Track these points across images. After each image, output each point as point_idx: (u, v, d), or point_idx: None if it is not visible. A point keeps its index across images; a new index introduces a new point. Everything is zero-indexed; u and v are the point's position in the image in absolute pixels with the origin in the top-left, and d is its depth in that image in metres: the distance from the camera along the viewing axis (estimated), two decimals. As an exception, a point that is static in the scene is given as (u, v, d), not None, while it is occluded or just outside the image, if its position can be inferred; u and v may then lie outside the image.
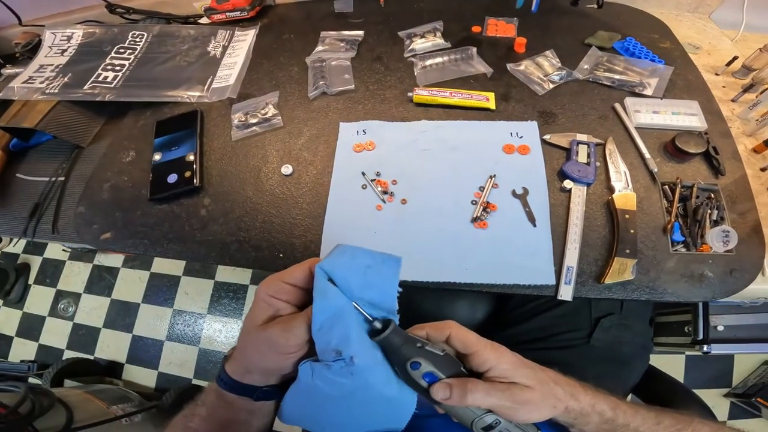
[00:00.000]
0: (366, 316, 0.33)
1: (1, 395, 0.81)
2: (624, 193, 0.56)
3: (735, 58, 0.72)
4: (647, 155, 0.59)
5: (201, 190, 0.64)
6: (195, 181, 0.63)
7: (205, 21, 0.90)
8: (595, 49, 0.73)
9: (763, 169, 0.60)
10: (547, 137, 0.63)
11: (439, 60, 0.74)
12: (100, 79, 0.74)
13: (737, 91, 0.69)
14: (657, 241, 0.54)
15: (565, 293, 0.51)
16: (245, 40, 0.84)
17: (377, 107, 0.70)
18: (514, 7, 0.81)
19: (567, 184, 0.58)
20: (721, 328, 0.89)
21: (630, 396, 0.65)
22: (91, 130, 0.75)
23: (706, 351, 0.89)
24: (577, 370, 0.40)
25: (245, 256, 0.58)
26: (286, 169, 0.64)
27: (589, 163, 0.58)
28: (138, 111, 0.75)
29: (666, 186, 0.57)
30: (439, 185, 0.60)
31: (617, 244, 0.52)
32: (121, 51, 0.80)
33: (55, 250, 1.66)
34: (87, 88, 0.72)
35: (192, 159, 0.65)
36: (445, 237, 0.56)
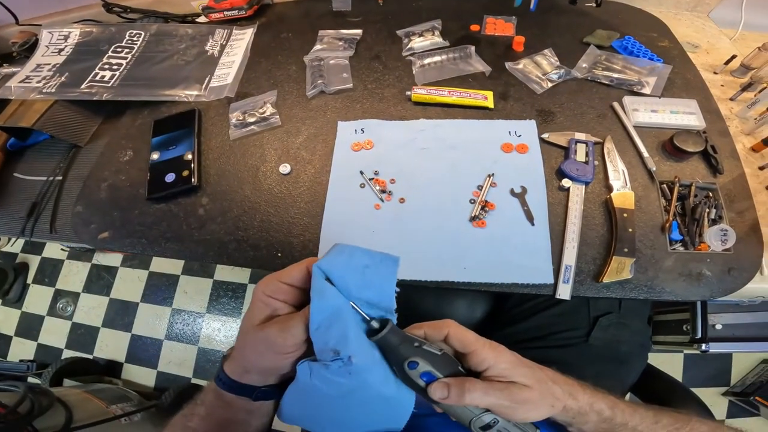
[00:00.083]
0: (364, 315, 0.33)
1: (0, 395, 0.81)
2: (622, 191, 0.56)
3: (733, 56, 0.72)
4: (645, 154, 0.59)
5: (199, 189, 0.64)
6: (193, 181, 0.62)
7: (202, 20, 0.90)
8: (594, 47, 0.73)
9: (761, 168, 0.60)
10: (546, 136, 0.63)
11: (437, 59, 0.74)
12: (98, 78, 0.74)
13: (736, 89, 0.69)
14: (655, 240, 0.54)
15: (564, 292, 0.51)
16: (243, 39, 0.84)
17: (375, 106, 0.70)
18: (512, 6, 0.80)
19: (565, 182, 0.58)
20: (719, 326, 0.89)
21: (628, 395, 0.65)
22: (88, 130, 0.74)
23: (705, 350, 0.89)
24: (576, 369, 0.40)
25: (243, 255, 0.58)
26: (284, 168, 0.64)
27: (587, 161, 0.58)
28: (135, 110, 0.75)
29: (664, 185, 0.57)
30: (438, 184, 0.60)
31: (615, 242, 0.52)
32: (119, 50, 0.79)
33: (53, 250, 1.65)
34: (84, 87, 0.72)
35: (190, 158, 0.65)
36: (443, 236, 0.56)
